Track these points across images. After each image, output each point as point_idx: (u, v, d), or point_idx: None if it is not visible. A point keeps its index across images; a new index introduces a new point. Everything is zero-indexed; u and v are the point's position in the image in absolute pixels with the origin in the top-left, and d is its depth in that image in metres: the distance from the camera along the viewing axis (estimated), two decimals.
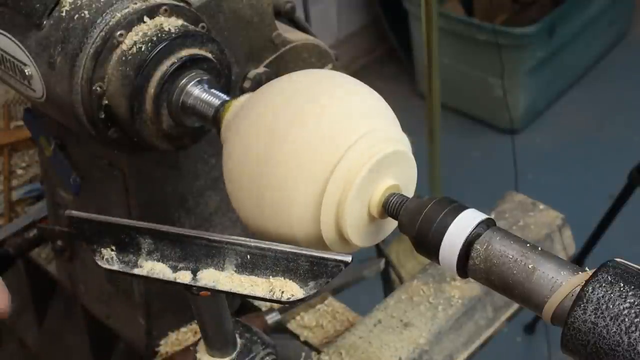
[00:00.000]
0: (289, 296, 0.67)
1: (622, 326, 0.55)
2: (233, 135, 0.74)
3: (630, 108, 3.02)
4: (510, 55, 2.74)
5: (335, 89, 0.73)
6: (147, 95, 0.79)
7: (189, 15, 0.83)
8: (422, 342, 0.97)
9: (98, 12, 0.79)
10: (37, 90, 0.83)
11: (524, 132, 2.98)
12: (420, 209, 0.68)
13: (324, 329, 1.06)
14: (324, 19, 3.16)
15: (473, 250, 0.65)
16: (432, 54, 2.06)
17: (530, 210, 1.13)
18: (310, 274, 0.68)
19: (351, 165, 0.69)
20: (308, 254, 0.68)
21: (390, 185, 0.72)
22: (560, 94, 3.11)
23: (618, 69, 3.23)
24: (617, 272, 0.57)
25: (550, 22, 2.83)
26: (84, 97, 0.80)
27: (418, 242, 0.68)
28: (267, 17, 0.93)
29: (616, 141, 2.88)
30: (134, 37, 0.79)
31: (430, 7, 1.98)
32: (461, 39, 2.89)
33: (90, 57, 0.79)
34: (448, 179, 2.51)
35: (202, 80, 0.81)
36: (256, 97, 0.75)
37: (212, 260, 0.69)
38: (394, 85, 3.25)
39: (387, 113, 0.75)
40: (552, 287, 0.60)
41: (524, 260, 0.62)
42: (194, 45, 0.81)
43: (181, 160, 0.94)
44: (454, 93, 2.91)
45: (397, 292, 1.04)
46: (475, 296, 1.02)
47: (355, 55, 3.35)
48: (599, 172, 2.75)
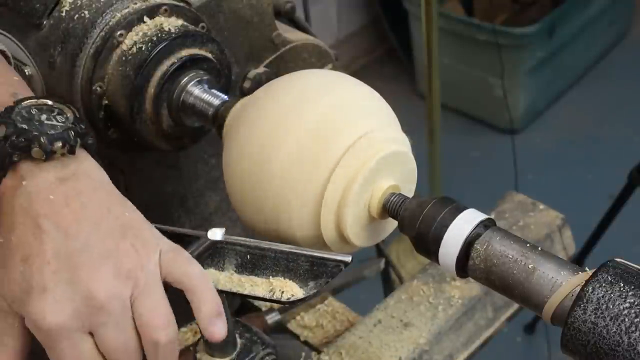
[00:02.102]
0: (289, 296, 0.67)
1: (622, 326, 0.55)
2: (233, 135, 0.74)
3: (630, 108, 3.02)
4: (510, 55, 2.74)
5: (335, 89, 0.73)
6: (147, 95, 0.79)
7: (189, 15, 0.83)
8: (422, 342, 0.97)
9: (98, 12, 0.79)
10: (37, 90, 0.83)
11: (524, 132, 2.98)
12: (420, 209, 0.68)
13: (324, 329, 1.06)
14: (324, 19, 3.15)
15: (473, 250, 0.65)
16: (432, 54, 2.06)
17: (530, 210, 1.13)
18: (310, 274, 0.68)
19: (351, 165, 0.69)
20: (308, 254, 0.68)
21: (390, 185, 0.72)
22: (560, 94, 3.11)
23: (618, 69, 3.23)
24: (617, 272, 0.57)
25: (550, 22, 2.83)
26: (84, 97, 0.80)
27: (418, 242, 0.68)
28: (267, 17, 0.93)
29: (616, 141, 2.88)
30: (134, 37, 0.79)
31: (430, 7, 1.98)
32: (461, 39, 2.89)
33: (90, 57, 0.79)
34: (448, 179, 2.51)
35: (202, 80, 0.81)
36: (256, 97, 0.75)
37: (212, 260, 0.69)
38: (394, 85, 3.25)
39: (387, 113, 0.75)
40: (552, 287, 0.60)
41: (524, 260, 0.62)
42: (194, 45, 0.81)
43: (181, 160, 0.94)
44: (454, 93, 2.90)
45: (397, 292, 1.04)
46: (475, 296, 1.02)
47: (355, 55, 3.35)
48: (599, 172, 2.75)
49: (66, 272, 0.57)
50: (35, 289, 0.56)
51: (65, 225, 0.58)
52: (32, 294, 0.56)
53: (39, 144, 0.59)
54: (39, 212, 0.58)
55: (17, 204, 0.58)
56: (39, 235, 0.57)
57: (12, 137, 0.59)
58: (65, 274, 0.57)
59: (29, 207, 0.58)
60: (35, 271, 0.57)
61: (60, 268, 0.57)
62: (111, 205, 0.61)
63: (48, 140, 0.59)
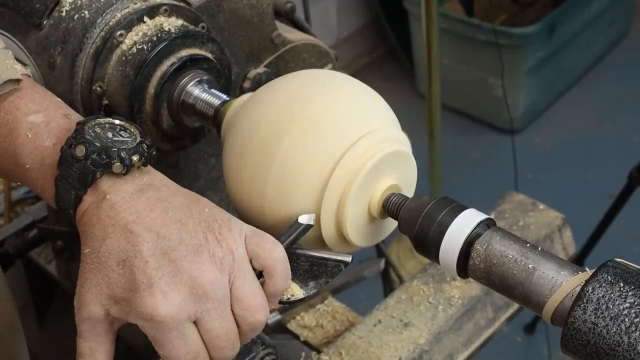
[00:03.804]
0: (289, 296, 0.67)
1: (622, 326, 0.55)
2: (233, 135, 0.74)
3: (630, 108, 3.02)
4: (510, 55, 2.74)
5: (335, 89, 0.73)
6: (147, 95, 0.79)
7: (189, 15, 0.83)
8: (422, 342, 0.97)
9: (98, 12, 0.79)
10: None
11: (524, 132, 2.98)
12: (420, 209, 0.68)
13: (324, 329, 1.06)
14: (324, 19, 3.15)
15: (473, 250, 0.65)
16: (432, 54, 2.06)
17: (530, 210, 1.13)
18: (310, 274, 0.68)
19: (351, 165, 0.69)
20: (308, 254, 0.69)
21: (390, 185, 0.72)
22: (560, 94, 3.11)
23: (618, 69, 3.23)
24: (617, 272, 0.57)
25: (550, 22, 2.83)
26: (84, 97, 0.80)
27: (418, 242, 0.68)
28: (267, 17, 0.93)
29: (616, 141, 2.88)
30: (134, 37, 0.79)
31: (430, 7, 1.98)
32: (461, 39, 2.89)
33: (90, 57, 0.79)
34: (448, 179, 2.51)
35: (202, 80, 0.81)
36: (257, 97, 0.75)
37: None
38: (394, 85, 3.25)
39: (387, 113, 0.75)
40: (552, 287, 0.60)
41: (524, 260, 0.62)
42: (194, 45, 0.81)
43: (181, 160, 0.94)
44: (454, 93, 2.91)
45: (397, 292, 1.04)
46: (475, 296, 1.02)
47: (355, 55, 3.35)
48: (599, 172, 2.75)
49: (167, 267, 0.60)
50: (141, 286, 0.59)
51: (156, 227, 0.60)
52: (139, 291, 0.59)
53: (120, 159, 0.62)
54: (127, 220, 0.60)
55: (104, 215, 0.61)
56: (131, 239, 0.60)
57: (92, 156, 0.62)
58: (166, 269, 0.59)
59: (116, 216, 0.61)
60: (137, 271, 0.59)
61: (160, 264, 0.59)
62: (191, 205, 0.63)
63: (127, 155, 0.63)
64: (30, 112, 0.66)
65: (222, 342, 0.62)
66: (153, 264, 0.59)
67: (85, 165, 0.62)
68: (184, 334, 0.60)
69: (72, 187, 0.62)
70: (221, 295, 0.61)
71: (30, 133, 0.65)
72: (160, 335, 0.60)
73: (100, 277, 0.60)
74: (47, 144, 0.64)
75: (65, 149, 0.62)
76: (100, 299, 0.60)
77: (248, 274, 0.63)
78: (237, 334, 0.63)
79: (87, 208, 0.62)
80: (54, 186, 0.63)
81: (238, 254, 0.62)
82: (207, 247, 0.61)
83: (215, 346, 0.62)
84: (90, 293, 0.61)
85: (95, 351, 0.62)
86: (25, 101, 0.66)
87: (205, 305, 0.60)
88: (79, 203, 0.63)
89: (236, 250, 0.62)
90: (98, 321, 0.61)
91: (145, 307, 0.59)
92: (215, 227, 0.62)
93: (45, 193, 0.65)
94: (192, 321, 0.61)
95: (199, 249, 0.61)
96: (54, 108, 0.67)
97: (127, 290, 0.59)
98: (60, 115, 0.66)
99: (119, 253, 0.60)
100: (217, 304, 0.61)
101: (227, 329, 0.61)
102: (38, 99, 0.67)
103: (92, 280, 0.60)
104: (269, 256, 0.63)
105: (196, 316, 0.60)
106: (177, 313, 0.59)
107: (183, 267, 0.60)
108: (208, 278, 0.60)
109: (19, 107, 0.66)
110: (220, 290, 0.61)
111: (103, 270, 0.60)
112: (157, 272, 0.59)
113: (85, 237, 0.62)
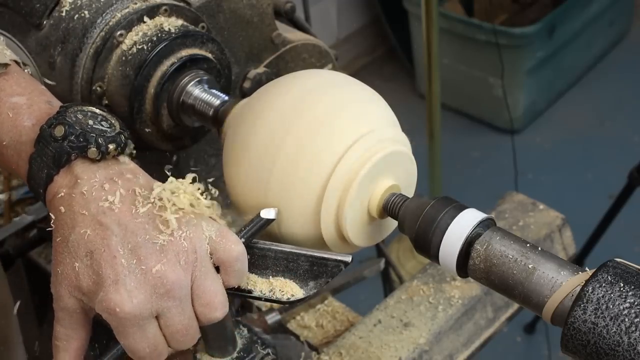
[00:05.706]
0: (289, 296, 0.67)
1: (622, 326, 0.55)
2: (233, 135, 0.74)
3: (630, 108, 3.02)
4: (510, 55, 2.74)
5: (335, 90, 0.73)
6: (147, 95, 0.80)
7: (189, 15, 0.83)
8: (422, 342, 0.97)
9: (98, 12, 0.79)
10: None
11: (524, 132, 2.98)
12: (421, 209, 0.68)
13: (324, 329, 1.06)
14: (324, 19, 3.15)
15: (473, 250, 0.65)
16: (432, 54, 2.06)
17: (530, 210, 1.13)
18: (310, 274, 0.68)
19: (351, 165, 0.69)
20: (308, 254, 0.69)
21: (390, 185, 0.72)
22: (560, 94, 3.11)
23: (618, 69, 3.23)
24: (617, 272, 0.57)
25: (550, 22, 2.83)
26: (84, 97, 0.80)
27: (418, 242, 0.68)
28: (267, 17, 0.93)
29: (616, 141, 2.88)
30: (134, 37, 0.79)
31: (430, 7, 1.98)
32: (461, 39, 2.89)
33: (90, 57, 0.79)
34: (448, 179, 2.51)
35: (202, 80, 0.81)
36: (257, 98, 0.75)
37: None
38: (394, 85, 3.25)
39: (387, 113, 0.75)
40: (552, 287, 0.60)
41: (524, 260, 0.62)
42: (194, 45, 0.81)
43: (181, 160, 0.94)
44: (454, 93, 2.91)
45: (397, 292, 1.04)
46: (475, 296, 1.02)
47: (355, 55, 3.35)
48: (599, 172, 2.75)
49: (134, 264, 0.61)
50: (107, 281, 0.60)
51: (125, 221, 0.62)
52: (105, 286, 0.60)
53: (97, 144, 0.64)
54: (97, 210, 0.62)
55: (74, 202, 0.63)
56: (100, 231, 0.61)
57: (70, 137, 0.64)
58: (133, 266, 0.61)
59: (87, 205, 0.62)
60: (104, 264, 0.61)
61: (128, 261, 0.61)
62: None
63: (104, 142, 0.64)
64: (14, 93, 0.68)
65: (181, 337, 0.64)
66: (120, 260, 0.61)
67: (61, 146, 0.63)
68: (145, 329, 0.62)
69: (45, 166, 0.64)
70: (183, 294, 0.62)
71: (12, 112, 0.67)
72: (122, 329, 0.62)
73: (70, 268, 0.62)
74: (27, 124, 0.66)
75: (45, 128, 0.64)
76: (72, 292, 0.63)
77: (210, 272, 0.64)
78: (196, 328, 0.64)
79: (57, 191, 0.64)
80: (28, 163, 0.65)
81: (201, 252, 0.63)
82: (172, 245, 0.62)
83: (175, 339, 0.64)
84: (62, 286, 0.63)
85: (70, 337, 0.66)
86: (10, 84, 0.68)
87: (167, 303, 0.62)
88: (49, 182, 0.64)
89: (200, 248, 0.63)
90: (74, 312, 0.64)
91: (110, 303, 0.61)
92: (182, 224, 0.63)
93: (19, 170, 0.67)
94: (153, 317, 0.62)
95: (165, 247, 0.62)
96: (37, 94, 0.69)
97: (93, 282, 0.61)
98: (43, 101, 0.68)
99: (87, 244, 0.61)
100: (178, 302, 0.62)
101: (186, 324, 0.63)
102: (24, 83, 0.69)
103: (64, 272, 0.63)
104: (228, 255, 0.64)
105: (158, 312, 0.62)
106: (140, 311, 0.61)
107: (149, 266, 0.61)
108: (171, 278, 0.61)
109: (3, 88, 0.68)
110: (182, 289, 0.62)
111: (72, 260, 0.62)
112: (124, 269, 0.61)
113: (55, 223, 0.64)
